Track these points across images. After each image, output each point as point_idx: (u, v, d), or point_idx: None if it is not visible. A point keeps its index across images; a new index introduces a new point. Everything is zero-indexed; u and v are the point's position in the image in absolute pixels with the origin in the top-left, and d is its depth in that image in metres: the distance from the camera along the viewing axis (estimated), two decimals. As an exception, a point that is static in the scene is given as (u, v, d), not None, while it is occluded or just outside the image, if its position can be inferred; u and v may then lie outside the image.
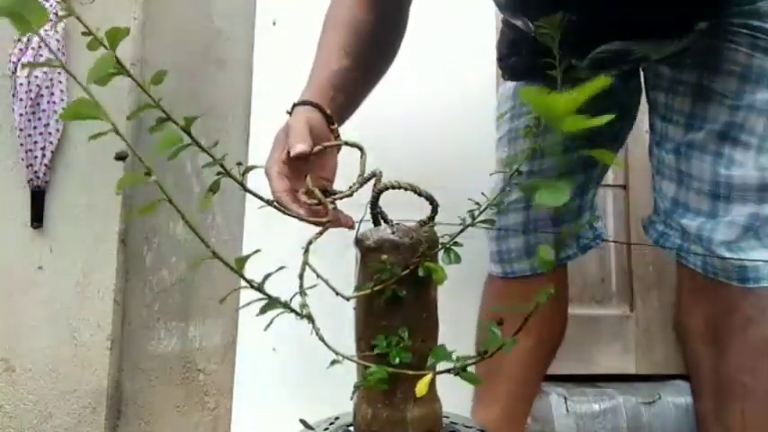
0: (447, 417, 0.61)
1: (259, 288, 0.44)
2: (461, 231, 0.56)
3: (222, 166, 0.46)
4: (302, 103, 0.73)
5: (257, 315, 0.45)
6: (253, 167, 0.50)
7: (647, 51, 0.77)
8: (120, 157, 0.38)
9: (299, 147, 0.65)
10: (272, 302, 0.44)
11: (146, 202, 0.41)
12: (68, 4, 0.37)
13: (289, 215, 0.61)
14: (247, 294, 0.46)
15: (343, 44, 0.80)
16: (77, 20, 0.38)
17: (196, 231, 0.41)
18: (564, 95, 0.27)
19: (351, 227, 0.63)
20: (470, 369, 0.48)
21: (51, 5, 1.21)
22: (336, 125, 0.74)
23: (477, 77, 1.27)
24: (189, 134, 0.43)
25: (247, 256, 0.43)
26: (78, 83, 0.37)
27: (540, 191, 0.32)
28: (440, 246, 0.55)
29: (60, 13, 1.15)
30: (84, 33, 0.38)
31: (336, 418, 0.62)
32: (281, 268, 0.46)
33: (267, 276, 0.45)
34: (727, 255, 0.76)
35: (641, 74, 0.92)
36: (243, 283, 0.45)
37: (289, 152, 0.67)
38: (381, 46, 0.86)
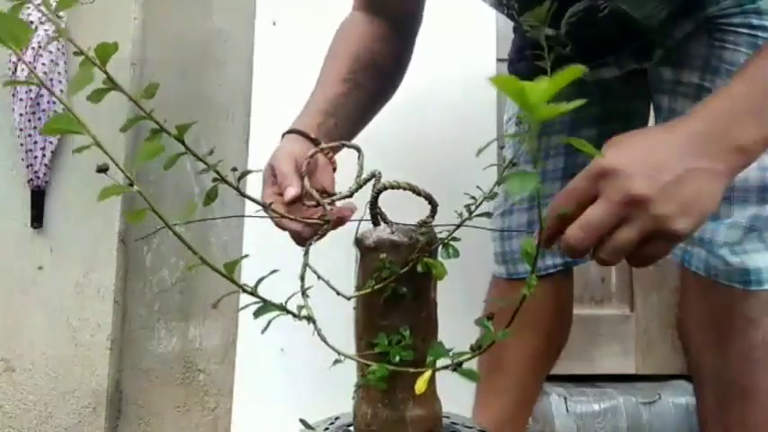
0: (447, 417, 0.61)
1: (252, 292, 0.44)
2: (460, 225, 0.56)
3: (217, 172, 0.46)
4: (291, 131, 0.74)
5: (254, 319, 0.45)
6: (248, 172, 0.50)
7: (623, 9, 0.74)
8: (101, 169, 0.38)
9: (291, 191, 0.65)
10: (265, 306, 0.44)
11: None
12: (62, 30, 0.38)
13: (290, 219, 0.61)
14: (246, 295, 0.46)
15: (343, 71, 0.82)
16: (69, 41, 0.39)
17: (182, 239, 0.41)
18: (538, 83, 0.26)
19: (353, 211, 0.63)
20: (468, 366, 0.48)
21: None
22: (331, 153, 0.75)
23: (478, 76, 1.27)
24: (182, 143, 0.43)
25: (237, 261, 0.42)
26: (59, 100, 0.37)
27: (510, 179, 0.33)
28: (438, 241, 0.55)
29: (52, 34, 1.15)
30: (75, 53, 0.38)
31: (336, 418, 0.62)
32: (274, 272, 0.45)
33: (260, 280, 0.45)
34: (730, 257, 0.76)
35: (648, 80, 0.91)
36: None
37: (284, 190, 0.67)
38: (383, 75, 0.87)
